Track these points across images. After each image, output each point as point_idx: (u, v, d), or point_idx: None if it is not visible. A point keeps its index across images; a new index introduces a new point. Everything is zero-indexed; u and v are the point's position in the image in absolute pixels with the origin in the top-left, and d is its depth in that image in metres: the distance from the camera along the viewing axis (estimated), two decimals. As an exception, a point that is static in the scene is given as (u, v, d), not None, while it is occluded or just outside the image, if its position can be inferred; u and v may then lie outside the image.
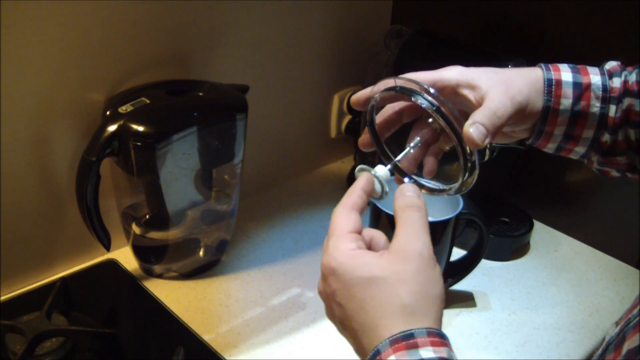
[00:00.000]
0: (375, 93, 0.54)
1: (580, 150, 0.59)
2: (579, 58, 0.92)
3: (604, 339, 0.54)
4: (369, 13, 1.10)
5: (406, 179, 0.56)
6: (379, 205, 0.75)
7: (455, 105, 0.52)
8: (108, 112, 0.74)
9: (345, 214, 0.49)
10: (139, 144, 0.72)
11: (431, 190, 0.55)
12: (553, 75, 0.56)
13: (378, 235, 0.50)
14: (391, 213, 0.74)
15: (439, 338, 0.42)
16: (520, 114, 0.55)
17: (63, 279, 0.79)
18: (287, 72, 1.02)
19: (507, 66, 0.84)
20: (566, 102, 0.56)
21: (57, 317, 0.72)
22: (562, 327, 0.82)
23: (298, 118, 1.08)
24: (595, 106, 0.56)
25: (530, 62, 0.85)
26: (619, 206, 0.94)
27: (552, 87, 0.56)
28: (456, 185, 0.53)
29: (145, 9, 0.79)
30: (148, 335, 0.78)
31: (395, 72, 0.94)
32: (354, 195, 0.50)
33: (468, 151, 0.51)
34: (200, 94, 0.79)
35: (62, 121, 0.77)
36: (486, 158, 0.87)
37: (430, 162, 0.58)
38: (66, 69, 0.75)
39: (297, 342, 0.77)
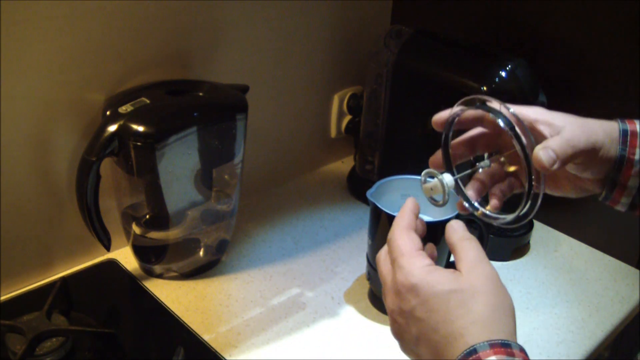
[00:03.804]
0: (456, 108, 0.56)
1: None
2: (578, 58, 0.93)
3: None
4: (369, 13, 1.10)
5: (466, 203, 0.58)
6: (379, 206, 0.75)
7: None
8: (108, 112, 0.74)
9: (406, 235, 0.51)
10: (139, 144, 0.72)
11: (485, 216, 0.57)
12: (629, 127, 0.57)
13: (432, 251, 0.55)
14: (391, 213, 0.74)
15: (527, 358, 0.45)
16: (591, 154, 0.56)
17: (63, 279, 0.79)
18: (287, 72, 1.02)
19: (508, 66, 0.84)
20: None
21: (57, 317, 0.72)
22: (562, 327, 0.82)
23: (298, 118, 1.08)
24: None
25: (530, 62, 0.86)
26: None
27: (627, 136, 0.56)
28: (511, 216, 0.55)
29: (145, 9, 0.79)
30: (148, 335, 0.78)
31: (396, 72, 0.95)
32: (407, 217, 0.53)
33: (534, 178, 0.52)
34: (200, 94, 0.79)
35: (62, 121, 0.77)
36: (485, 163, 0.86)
37: (495, 199, 0.59)
38: (66, 69, 0.75)
39: (297, 342, 0.77)
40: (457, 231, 0.52)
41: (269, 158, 1.06)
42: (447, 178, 0.55)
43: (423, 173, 0.57)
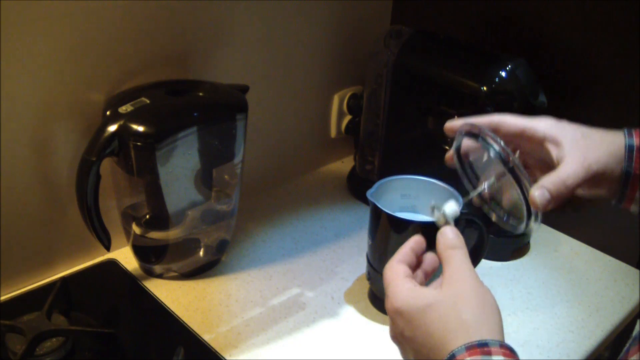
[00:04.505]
0: (462, 132, 0.60)
1: None
2: (578, 58, 0.92)
3: (631, 336, 0.55)
4: (369, 13, 1.10)
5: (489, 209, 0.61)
6: (379, 206, 0.75)
7: (538, 154, 0.59)
8: (108, 112, 0.74)
9: (394, 266, 0.54)
10: (139, 144, 0.72)
11: (499, 219, 0.60)
12: (635, 142, 0.57)
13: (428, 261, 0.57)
14: (391, 213, 0.74)
15: (510, 352, 0.46)
16: (595, 180, 0.57)
17: (63, 279, 0.79)
18: (287, 72, 1.02)
19: (508, 66, 0.84)
20: None
21: (57, 317, 0.72)
22: (562, 327, 0.82)
23: (298, 118, 1.08)
24: None
25: (530, 62, 0.86)
26: (619, 206, 0.94)
27: (632, 152, 0.57)
28: (521, 226, 0.58)
29: (145, 9, 0.79)
30: (148, 335, 0.78)
31: (395, 72, 0.95)
32: (402, 252, 0.56)
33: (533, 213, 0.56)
34: (200, 94, 0.79)
35: (63, 121, 0.77)
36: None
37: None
38: (66, 69, 0.75)
39: (297, 342, 0.77)
40: (444, 239, 0.54)
41: (269, 158, 1.06)
42: (449, 209, 0.56)
43: (430, 206, 0.58)
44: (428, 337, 0.48)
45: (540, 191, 0.55)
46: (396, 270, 0.54)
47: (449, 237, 0.54)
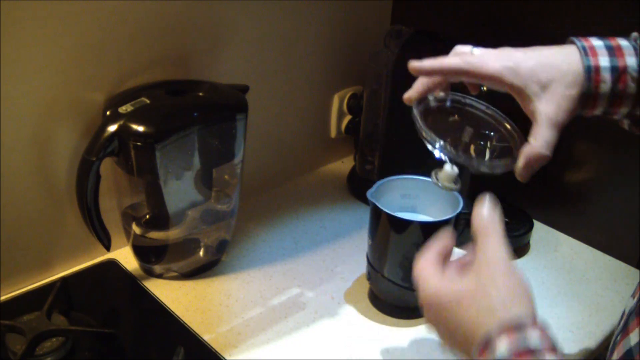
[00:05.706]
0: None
1: (617, 117, 0.63)
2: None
3: (623, 312, 0.56)
4: (369, 13, 1.10)
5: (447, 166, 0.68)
6: (379, 206, 0.75)
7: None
8: (108, 112, 0.74)
9: (425, 256, 0.55)
10: (139, 144, 0.72)
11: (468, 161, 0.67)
12: (592, 62, 0.59)
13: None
14: (391, 213, 0.74)
15: (544, 329, 0.49)
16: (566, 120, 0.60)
17: (63, 279, 0.79)
18: (287, 72, 1.02)
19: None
20: (605, 86, 0.59)
21: (57, 317, 0.72)
22: (562, 327, 0.82)
23: (298, 118, 1.08)
24: (631, 87, 0.58)
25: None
26: (619, 206, 0.94)
27: (591, 73, 0.58)
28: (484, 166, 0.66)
29: (145, 9, 0.79)
30: (148, 335, 0.78)
31: (395, 72, 0.94)
32: (433, 245, 0.56)
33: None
34: (200, 94, 0.79)
35: (63, 121, 0.77)
36: (486, 157, 0.87)
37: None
38: (66, 69, 0.75)
39: (297, 342, 0.77)
40: (478, 217, 0.53)
41: (269, 158, 1.06)
42: (445, 174, 0.67)
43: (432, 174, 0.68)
44: (460, 327, 0.49)
45: (524, 171, 0.61)
46: (425, 259, 0.54)
47: (486, 214, 0.53)
